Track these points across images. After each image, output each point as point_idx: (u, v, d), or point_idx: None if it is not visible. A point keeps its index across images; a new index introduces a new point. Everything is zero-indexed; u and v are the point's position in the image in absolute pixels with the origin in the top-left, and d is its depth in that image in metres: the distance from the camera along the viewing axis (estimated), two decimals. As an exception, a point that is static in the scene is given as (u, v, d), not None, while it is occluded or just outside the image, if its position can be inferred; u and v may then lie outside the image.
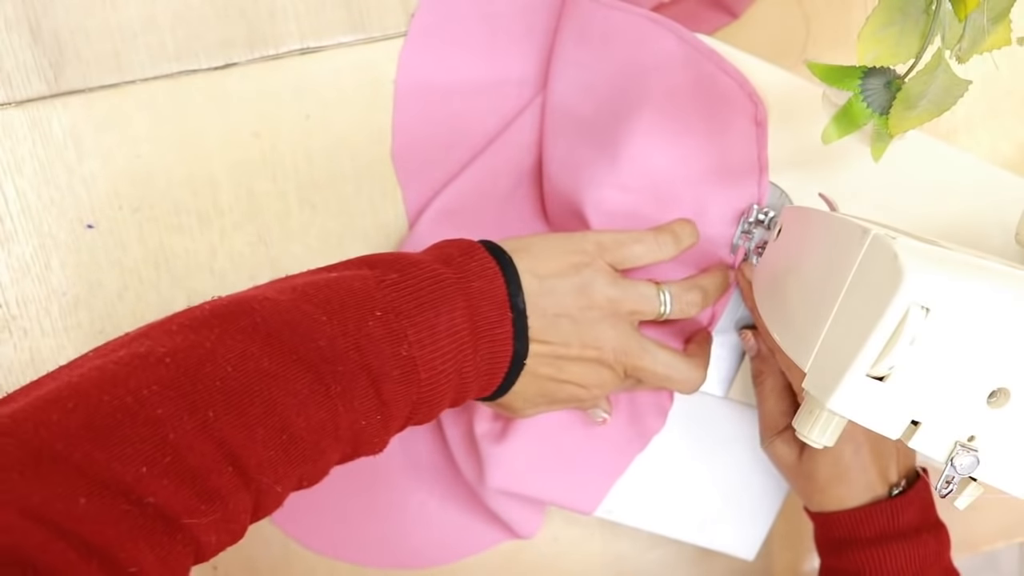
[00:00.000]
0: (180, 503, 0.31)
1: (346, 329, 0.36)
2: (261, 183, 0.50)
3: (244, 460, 0.33)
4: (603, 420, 0.50)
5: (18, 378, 0.49)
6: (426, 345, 0.38)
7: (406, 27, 0.50)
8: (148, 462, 0.30)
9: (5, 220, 0.48)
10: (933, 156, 0.52)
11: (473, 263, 0.41)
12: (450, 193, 0.51)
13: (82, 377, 0.32)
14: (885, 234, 0.34)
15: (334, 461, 0.38)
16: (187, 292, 0.50)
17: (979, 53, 0.38)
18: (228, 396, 0.33)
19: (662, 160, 0.48)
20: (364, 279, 0.38)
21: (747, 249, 0.50)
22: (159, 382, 0.32)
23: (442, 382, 0.39)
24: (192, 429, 0.32)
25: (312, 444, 0.35)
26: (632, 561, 0.60)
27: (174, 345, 0.34)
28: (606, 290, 0.44)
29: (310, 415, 0.35)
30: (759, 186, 0.49)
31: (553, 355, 0.43)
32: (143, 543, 0.30)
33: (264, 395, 0.33)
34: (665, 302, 0.46)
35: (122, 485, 0.30)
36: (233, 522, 0.33)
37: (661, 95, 0.47)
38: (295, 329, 0.35)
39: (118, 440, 0.30)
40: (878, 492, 0.48)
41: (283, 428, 0.34)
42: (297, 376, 0.34)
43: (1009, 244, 0.52)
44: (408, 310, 0.38)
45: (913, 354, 0.32)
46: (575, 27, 0.49)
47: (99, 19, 0.47)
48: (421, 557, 0.58)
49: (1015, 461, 0.34)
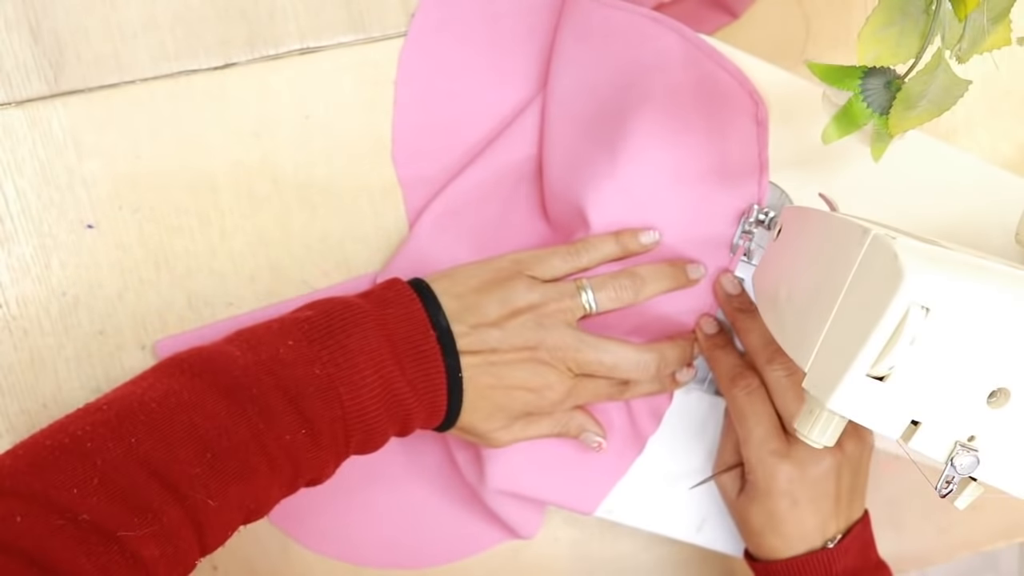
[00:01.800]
0: (112, 518, 0.35)
1: (259, 358, 0.40)
2: (261, 183, 0.50)
3: (170, 476, 0.36)
4: (598, 445, 0.50)
5: (18, 378, 0.49)
6: (340, 365, 0.41)
7: (406, 27, 0.50)
8: (79, 485, 0.35)
9: (5, 220, 0.48)
10: (933, 156, 0.52)
11: (389, 292, 0.44)
12: (450, 193, 0.51)
13: (38, 431, 0.38)
14: (885, 234, 0.34)
15: (276, 484, 0.40)
16: (187, 292, 0.50)
17: (979, 53, 0.38)
18: (151, 425, 0.37)
19: (662, 159, 0.48)
20: (282, 319, 0.43)
21: (747, 249, 0.50)
22: (92, 423, 0.37)
23: (369, 402, 0.41)
24: (118, 455, 0.36)
25: (240, 461, 0.38)
26: (632, 561, 0.60)
27: (112, 396, 0.39)
28: (526, 296, 0.45)
29: (231, 435, 0.38)
30: (759, 186, 0.49)
31: (487, 363, 0.44)
32: (80, 554, 0.33)
33: (185, 421, 0.37)
34: (588, 295, 0.46)
35: (57, 505, 0.34)
36: (175, 536, 0.36)
37: (662, 94, 0.47)
38: (214, 365, 0.39)
39: (53, 471, 0.35)
40: (812, 544, 0.48)
41: (206, 448, 0.37)
42: (215, 402, 0.38)
43: (1009, 244, 0.52)
44: (319, 336, 0.41)
45: (913, 354, 0.32)
46: (575, 26, 0.49)
47: (99, 19, 0.47)
48: (421, 557, 0.58)
49: (1015, 461, 0.34)
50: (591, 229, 0.48)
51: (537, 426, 0.49)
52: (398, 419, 0.43)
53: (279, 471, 0.40)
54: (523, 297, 0.45)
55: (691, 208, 0.48)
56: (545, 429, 0.49)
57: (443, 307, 0.44)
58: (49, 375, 0.50)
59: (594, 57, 0.49)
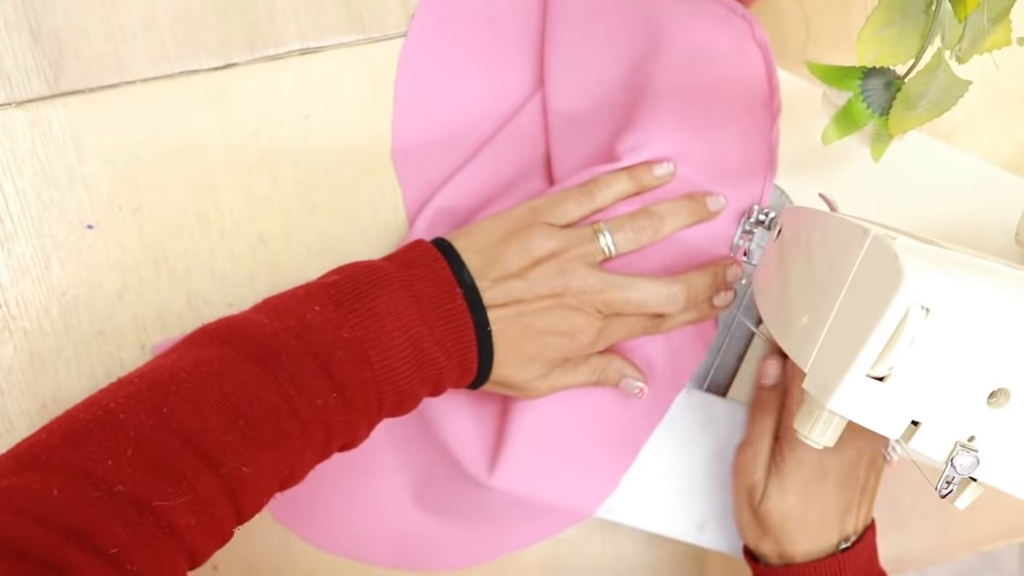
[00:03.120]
0: (146, 488, 0.35)
1: (287, 325, 0.40)
2: (261, 183, 0.50)
3: (202, 445, 0.36)
4: (639, 390, 0.49)
5: (18, 378, 0.49)
6: (368, 327, 0.41)
7: (406, 27, 0.50)
8: (113, 456, 0.35)
9: (5, 220, 0.48)
10: (933, 156, 0.52)
11: (413, 253, 0.44)
12: (449, 190, 0.51)
13: (73, 406, 0.38)
14: (885, 234, 0.34)
15: (310, 449, 0.40)
16: (187, 292, 0.50)
17: (979, 53, 0.38)
18: (183, 395, 0.37)
19: (664, 155, 0.48)
20: (308, 285, 0.43)
21: (747, 249, 0.50)
22: (125, 395, 0.37)
23: (399, 363, 0.41)
24: (151, 425, 0.36)
25: (272, 427, 0.38)
26: (632, 561, 0.60)
27: (144, 369, 0.39)
28: (545, 244, 0.45)
29: (263, 401, 0.38)
30: (764, 185, 0.49)
31: (515, 314, 0.45)
32: (116, 525, 0.34)
33: (216, 390, 0.38)
34: (606, 238, 0.46)
35: (92, 477, 0.34)
36: (210, 505, 0.36)
37: (669, 88, 0.48)
38: (243, 333, 0.40)
39: (88, 443, 0.35)
40: (829, 540, 0.48)
41: (237, 415, 0.37)
42: (245, 369, 0.38)
43: (1009, 244, 0.52)
44: (346, 300, 0.41)
45: (913, 354, 0.32)
46: (575, 21, 0.49)
47: (99, 19, 0.47)
48: (427, 559, 0.57)
49: (1015, 461, 0.34)
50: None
51: (574, 373, 0.48)
52: (429, 378, 0.43)
53: (312, 436, 0.40)
54: (542, 245, 0.45)
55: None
56: (583, 376, 0.49)
57: (466, 264, 0.44)
58: (49, 375, 0.50)
59: (598, 47, 0.49)
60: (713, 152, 0.49)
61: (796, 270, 0.42)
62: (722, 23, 0.48)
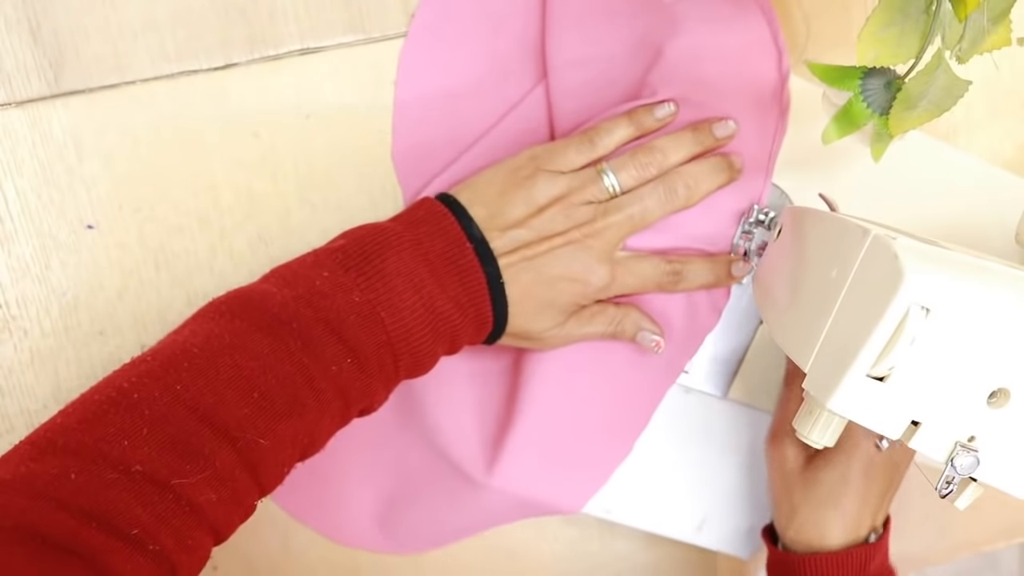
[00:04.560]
0: (164, 466, 0.35)
1: (296, 293, 0.40)
2: (261, 183, 0.50)
3: (218, 420, 0.36)
4: (655, 344, 0.49)
5: (18, 378, 0.49)
6: (378, 289, 0.41)
7: (406, 27, 0.50)
8: (129, 436, 0.35)
9: (5, 220, 0.48)
10: (933, 156, 0.52)
11: (420, 211, 0.44)
12: (446, 179, 0.51)
13: (88, 389, 0.38)
14: (885, 234, 0.34)
15: (327, 416, 0.40)
16: (187, 292, 0.50)
17: (979, 53, 0.38)
18: (195, 370, 0.37)
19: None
20: (316, 252, 0.42)
21: (747, 249, 0.50)
22: (138, 374, 0.37)
23: (413, 324, 0.41)
24: (165, 403, 0.36)
25: (288, 397, 0.38)
26: (630, 561, 0.60)
27: (156, 347, 0.39)
28: (548, 190, 0.45)
29: (276, 372, 0.38)
30: (764, 185, 0.49)
31: (523, 259, 0.45)
32: (136, 505, 0.34)
33: (229, 363, 0.37)
34: (610, 178, 0.46)
35: (109, 459, 0.34)
36: (229, 479, 0.36)
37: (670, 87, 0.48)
38: (252, 304, 0.39)
39: (102, 424, 0.35)
40: (859, 531, 0.48)
41: (252, 387, 0.37)
42: (257, 340, 0.38)
43: (1009, 244, 0.52)
44: (355, 263, 0.41)
45: (913, 354, 0.32)
46: (575, 20, 0.49)
47: (99, 19, 0.47)
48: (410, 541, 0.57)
49: (1015, 461, 0.34)
50: None
51: (591, 323, 0.48)
52: (445, 337, 0.43)
53: (328, 403, 0.40)
54: (545, 192, 0.45)
55: (692, 207, 0.48)
56: (599, 326, 0.48)
57: (474, 217, 0.44)
58: (49, 375, 0.50)
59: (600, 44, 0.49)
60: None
61: (796, 270, 0.42)
62: (736, 18, 0.48)
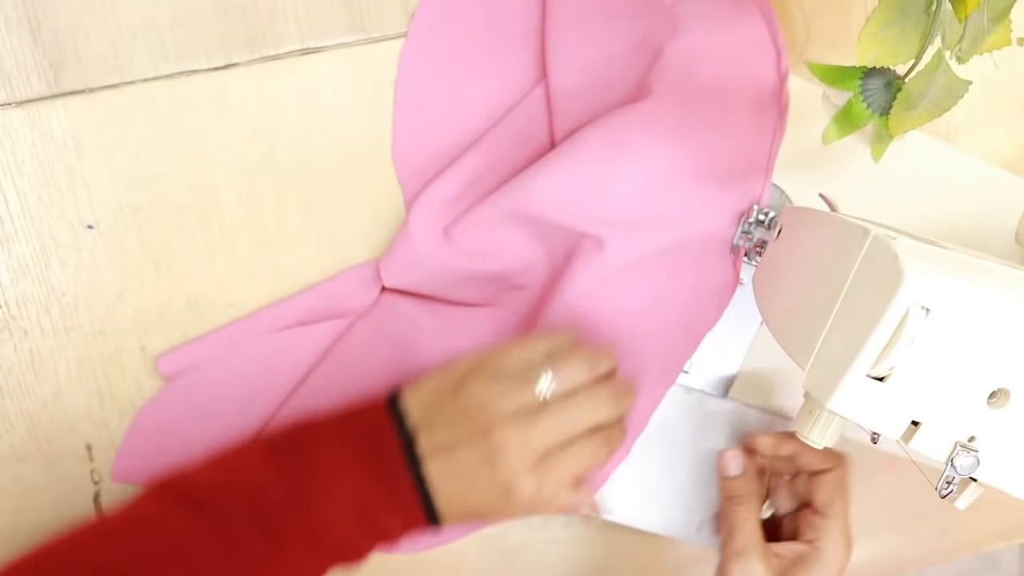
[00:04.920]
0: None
1: (219, 480, 0.42)
2: (261, 183, 0.50)
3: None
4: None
5: (18, 379, 0.49)
6: (302, 478, 0.42)
7: (406, 27, 0.50)
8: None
9: (5, 221, 0.48)
10: (933, 157, 0.52)
11: (361, 409, 0.44)
12: (445, 180, 0.51)
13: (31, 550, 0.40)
14: (885, 234, 0.34)
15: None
16: (187, 292, 0.50)
17: (979, 53, 0.38)
18: (122, 546, 0.40)
19: (666, 157, 0.48)
20: (251, 441, 0.44)
21: (747, 249, 0.50)
22: (76, 539, 0.40)
23: (335, 516, 0.41)
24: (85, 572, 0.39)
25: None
26: (632, 561, 0.60)
27: (108, 515, 0.41)
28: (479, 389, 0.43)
29: (193, 554, 0.40)
30: (764, 185, 0.49)
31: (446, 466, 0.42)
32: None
33: (152, 542, 0.40)
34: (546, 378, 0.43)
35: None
36: None
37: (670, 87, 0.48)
38: (182, 487, 0.42)
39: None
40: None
41: (169, 569, 0.39)
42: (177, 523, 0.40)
43: (1009, 244, 0.52)
44: (283, 450, 0.43)
45: (913, 354, 0.32)
46: (576, 20, 0.49)
47: (99, 19, 0.47)
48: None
49: (1015, 461, 0.34)
50: (589, 225, 0.48)
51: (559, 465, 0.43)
52: (373, 530, 0.42)
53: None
54: (476, 391, 0.43)
55: (692, 207, 0.48)
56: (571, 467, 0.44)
57: (407, 416, 0.43)
58: (49, 375, 0.50)
59: (600, 46, 0.49)
60: (713, 150, 0.48)
61: (796, 270, 0.42)
62: (735, 18, 0.48)
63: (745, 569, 0.47)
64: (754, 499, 0.49)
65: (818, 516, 0.48)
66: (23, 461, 0.50)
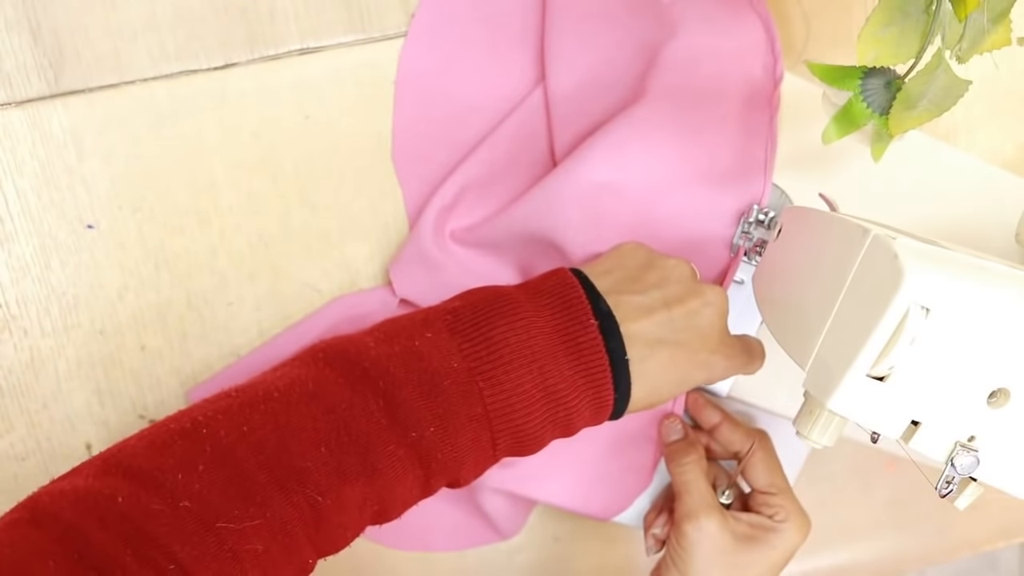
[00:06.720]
0: (211, 507, 0.33)
1: (392, 350, 0.37)
2: (261, 183, 0.50)
3: (277, 469, 0.34)
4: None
5: (18, 378, 0.49)
6: (483, 358, 0.38)
7: (406, 27, 0.50)
8: (184, 470, 0.33)
9: (5, 220, 0.48)
10: (933, 156, 0.52)
11: (548, 282, 0.41)
12: (449, 187, 0.51)
13: (169, 415, 0.37)
14: (885, 234, 0.34)
15: (402, 484, 0.37)
16: (187, 292, 0.50)
17: (979, 53, 0.38)
18: (268, 414, 0.35)
19: (663, 155, 0.48)
20: (428, 310, 0.40)
21: (747, 249, 0.50)
22: (215, 409, 0.35)
23: (517, 399, 0.38)
24: (228, 442, 0.34)
25: (357, 458, 0.35)
26: (633, 561, 0.60)
27: (247, 383, 0.37)
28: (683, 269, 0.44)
29: (351, 429, 0.35)
30: (764, 184, 0.49)
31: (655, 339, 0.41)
32: (174, 540, 0.32)
33: (303, 413, 0.35)
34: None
35: (161, 489, 0.33)
36: (280, 533, 0.34)
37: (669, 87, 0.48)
38: (345, 354, 0.37)
39: (165, 454, 0.34)
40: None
41: (320, 441, 0.35)
42: (338, 393, 0.36)
43: (1009, 244, 0.52)
44: (463, 328, 0.38)
45: (913, 354, 0.32)
46: (575, 20, 0.49)
47: (99, 19, 0.47)
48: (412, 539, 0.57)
49: (1015, 461, 0.34)
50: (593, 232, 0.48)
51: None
52: (556, 419, 0.39)
53: (404, 470, 0.36)
54: (679, 268, 0.43)
55: (691, 207, 0.48)
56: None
57: (600, 291, 0.40)
58: (49, 375, 0.50)
59: (600, 46, 0.49)
60: (712, 151, 0.48)
61: (796, 270, 0.42)
62: (732, 19, 0.48)
63: (698, 526, 0.46)
64: (699, 460, 0.49)
65: (768, 495, 0.49)
66: (23, 461, 0.50)
